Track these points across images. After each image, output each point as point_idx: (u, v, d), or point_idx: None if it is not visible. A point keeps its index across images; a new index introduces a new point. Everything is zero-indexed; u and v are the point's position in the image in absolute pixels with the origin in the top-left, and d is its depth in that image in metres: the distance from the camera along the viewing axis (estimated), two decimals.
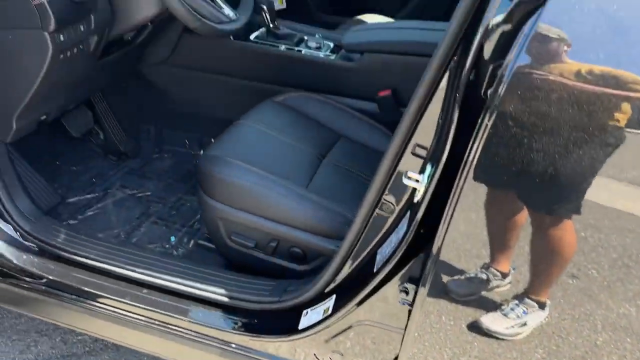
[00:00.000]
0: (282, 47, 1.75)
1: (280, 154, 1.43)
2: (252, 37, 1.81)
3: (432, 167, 0.88)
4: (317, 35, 1.85)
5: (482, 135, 0.79)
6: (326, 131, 1.61)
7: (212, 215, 1.34)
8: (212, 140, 2.03)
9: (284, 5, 2.52)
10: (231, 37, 1.75)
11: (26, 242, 1.31)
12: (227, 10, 1.39)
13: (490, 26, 0.79)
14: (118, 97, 2.00)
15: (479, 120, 0.79)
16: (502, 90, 0.74)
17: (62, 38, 1.16)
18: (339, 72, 1.70)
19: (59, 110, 1.48)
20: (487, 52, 0.79)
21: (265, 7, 1.74)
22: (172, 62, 1.82)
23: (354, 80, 1.70)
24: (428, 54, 1.59)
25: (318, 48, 1.78)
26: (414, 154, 0.92)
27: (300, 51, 1.75)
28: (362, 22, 2.28)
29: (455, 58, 0.85)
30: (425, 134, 0.92)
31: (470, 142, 0.80)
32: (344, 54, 1.72)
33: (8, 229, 1.32)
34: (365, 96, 1.71)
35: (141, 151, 2.02)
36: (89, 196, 1.75)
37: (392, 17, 2.37)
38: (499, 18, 0.78)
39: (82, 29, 1.22)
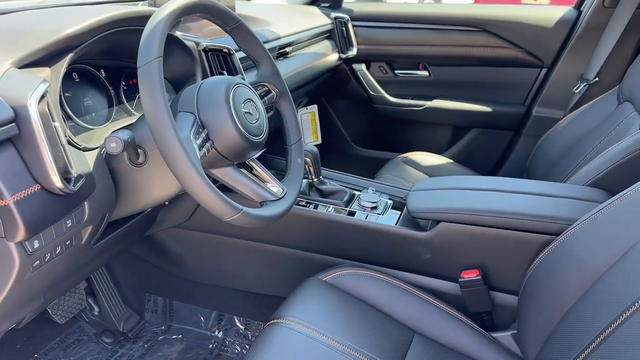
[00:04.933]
0: (331, 209, 1.38)
1: None
2: None
3: None
4: (370, 190, 1.49)
5: None
6: (396, 328, 1.18)
7: None
8: (235, 319, 1.62)
9: (319, 141, 2.23)
10: None
11: None
12: (274, 184, 1.03)
13: None
14: (121, 263, 1.61)
15: None
16: None
17: (36, 245, 0.78)
18: (407, 244, 1.31)
19: (36, 312, 1.07)
20: None
21: (308, 159, 1.40)
22: (190, 225, 1.44)
23: (427, 255, 1.30)
24: (526, 229, 1.24)
25: (374, 208, 1.41)
26: None
27: (353, 213, 1.37)
28: (410, 162, 1.95)
29: None
30: None
31: None
32: (409, 218, 1.35)
33: None
34: (442, 275, 1.30)
35: (144, 330, 1.58)
36: None
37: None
38: None
39: (68, 224, 0.85)
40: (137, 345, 1.53)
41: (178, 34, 1.19)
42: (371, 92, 2.19)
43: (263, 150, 1.02)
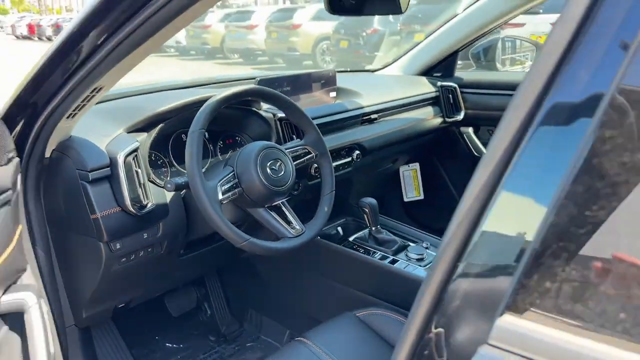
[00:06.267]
0: (377, 256, 1.59)
1: None
2: (352, 237, 1.71)
3: None
4: (424, 244, 1.65)
5: None
6: None
7: None
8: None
9: (422, 196, 2.40)
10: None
11: None
12: (296, 224, 1.32)
13: None
14: (231, 276, 2.04)
15: None
16: None
17: (118, 246, 1.22)
18: None
19: (141, 298, 1.54)
20: None
21: (367, 210, 1.64)
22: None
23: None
24: None
25: (420, 259, 1.57)
26: None
27: (395, 261, 1.56)
28: None
29: None
30: None
31: None
32: None
33: None
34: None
35: (241, 336, 1.97)
36: None
37: None
38: None
39: (144, 236, 1.27)
40: (230, 347, 1.92)
41: (264, 106, 1.59)
42: (476, 155, 2.28)
43: (288, 197, 1.33)
